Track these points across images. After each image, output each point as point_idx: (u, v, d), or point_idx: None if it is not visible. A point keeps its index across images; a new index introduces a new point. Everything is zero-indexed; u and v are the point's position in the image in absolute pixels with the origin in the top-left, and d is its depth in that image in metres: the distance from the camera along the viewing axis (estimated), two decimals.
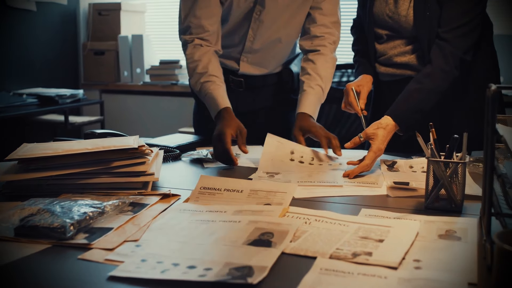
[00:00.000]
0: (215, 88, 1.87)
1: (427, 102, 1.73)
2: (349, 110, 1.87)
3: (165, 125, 4.23)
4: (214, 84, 1.88)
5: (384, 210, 1.26)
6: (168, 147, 1.89)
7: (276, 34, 2.01)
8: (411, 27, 1.80)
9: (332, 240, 1.06)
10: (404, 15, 1.80)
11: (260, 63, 2.08)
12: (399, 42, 1.86)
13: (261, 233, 1.08)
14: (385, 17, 1.85)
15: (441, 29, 1.73)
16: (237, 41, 2.03)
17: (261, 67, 2.09)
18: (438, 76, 1.72)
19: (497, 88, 0.99)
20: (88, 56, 4.61)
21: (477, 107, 1.79)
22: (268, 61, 2.09)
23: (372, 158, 1.61)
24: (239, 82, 2.09)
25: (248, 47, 2.03)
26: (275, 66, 2.12)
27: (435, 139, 1.32)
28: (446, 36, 1.72)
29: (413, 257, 0.99)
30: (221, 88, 1.89)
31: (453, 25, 1.72)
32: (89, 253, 1.02)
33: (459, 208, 1.26)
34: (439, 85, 1.72)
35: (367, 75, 1.93)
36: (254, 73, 2.09)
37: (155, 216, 1.22)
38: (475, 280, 0.90)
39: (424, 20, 1.76)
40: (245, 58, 2.05)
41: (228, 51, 2.05)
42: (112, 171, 1.41)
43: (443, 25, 1.73)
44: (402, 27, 1.81)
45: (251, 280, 0.88)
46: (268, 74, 2.12)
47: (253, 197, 1.35)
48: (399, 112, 1.70)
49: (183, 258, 0.98)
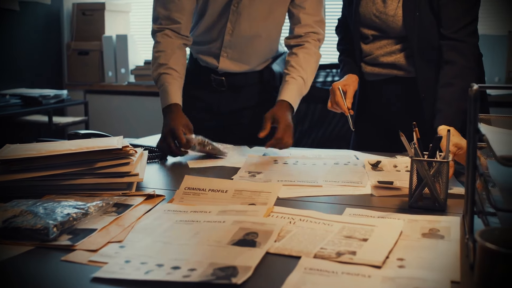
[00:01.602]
0: (171, 81, 1.91)
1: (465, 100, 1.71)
2: (336, 109, 1.88)
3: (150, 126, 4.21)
4: (171, 78, 1.91)
5: (368, 210, 1.27)
6: (152, 148, 1.88)
7: (255, 28, 2.02)
8: (399, 27, 1.81)
9: (316, 240, 1.06)
10: (392, 15, 1.80)
11: (240, 59, 2.08)
12: (386, 42, 1.87)
13: (245, 233, 1.08)
14: (372, 17, 1.85)
15: (449, 30, 1.75)
16: (216, 35, 2.03)
17: (241, 63, 2.09)
18: (467, 74, 1.72)
19: (479, 87, 0.99)
20: (72, 56, 4.58)
21: None
22: (248, 57, 2.09)
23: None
24: (220, 81, 2.09)
25: (227, 40, 2.03)
26: (256, 63, 2.12)
27: (418, 138, 1.33)
28: (457, 36, 1.74)
29: (397, 256, 0.99)
30: (177, 82, 1.92)
31: (460, 24, 1.74)
32: (72, 255, 1.02)
33: (442, 207, 1.27)
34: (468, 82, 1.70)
35: (352, 74, 1.93)
36: (234, 69, 2.09)
37: (139, 217, 1.22)
38: (458, 278, 0.90)
39: (414, 20, 1.77)
40: (225, 53, 2.05)
41: (208, 47, 2.06)
42: (96, 172, 1.40)
43: (451, 26, 1.75)
44: (390, 27, 1.82)
45: (236, 280, 0.88)
46: (249, 72, 2.12)
47: (237, 197, 1.35)
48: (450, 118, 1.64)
49: (167, 259, 0.98)
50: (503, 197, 0.97)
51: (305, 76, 1.97)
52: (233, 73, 2.09)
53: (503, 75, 3.69)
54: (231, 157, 1.83)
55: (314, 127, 2.60)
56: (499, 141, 0.94)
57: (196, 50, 2.13)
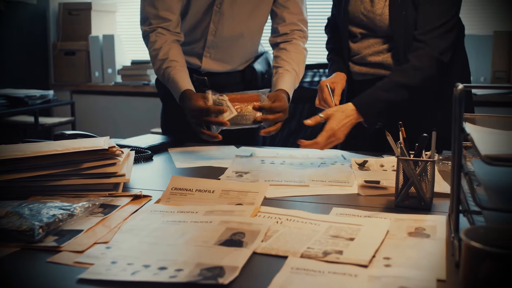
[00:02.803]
0: (176, 72, 1.89)
1: (393, 94, 1.74)
2: (323, 106, 1.88)
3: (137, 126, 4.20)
4: (175, 69, 1.90)
5: (355, 209, 1.27)
6: (139, 148, 1.88)
7: (238, 28, 2.02)
8: (386, 26, 1.82)
9: (303, 239, 1.06)
10: (379, 14, 1.81)
11: (223, 59, 2.08)
12: (374, 41, 1.88)
13: (232, 233, 1.08)
14: (360, 16, 1.86)
15: (417, 31, 1.75)
16: (199, 35, 2.03)
17: (224, 63, 2.09)
18: (408, 71, 1.74)
19: (464, 87, 1.00)
20: (58, 56, 4.56)
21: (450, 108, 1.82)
22: (231, 57, 2.09)
23: (323, 136, 1.66)
24: (203, 81, 2.10)
25: (210, 41, 2.03)
26: (238, 62, 2.13)
27: (404, 138, 1.33)
28: (422, 38, 1.74)
29: (383, 255, 1.00)
30: (182, 71, 1.91)
31: (429, 27, 1.73)
32: (58, 256, 1.01)
33: (428, 206, 1.27)
34: (408, 80, 1.74)
35: (341, 72, 1.94)
36: (217, 69, 2.09)
37: (126, 217, 1.21)
38: (444, 277, 0.91)
39: (400, 19, 1.78)
40: (208, 53, 2.06)
41: (191, 47, 2.06)
42: (82, 172, 1.39)
43: (419, 27, 1.75)
44: (377, 26, 1.83)
45: (222, 281, 0.88)
46: (231, 72, 2.12)
47: (224, 197, 1.35)
48: (361, 99, 1.74)
49: (154, 260, 0.97)
50: (488, 196, 0.97)
51: (297, 69, 1.97)
52: (216, 73, 2.10)
53: (489, 75, 3.72)
54: (218, 157, 1.83)
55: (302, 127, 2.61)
56: (484, 141, 0.95)
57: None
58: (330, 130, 1.67)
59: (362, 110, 1.71)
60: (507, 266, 0.74)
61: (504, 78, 3.70)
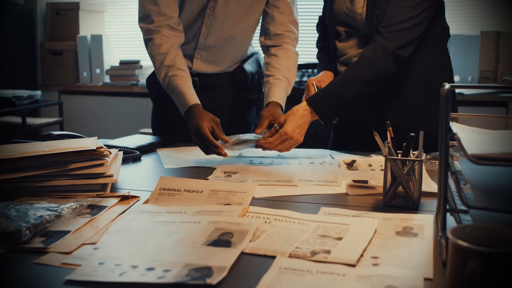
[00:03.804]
0: (183, 82, 1.86)
1: (345, 89, 1.75)
2: None
3: (125, 126, 4.19)
4: (182, 79, 1.87)
5: (343, 208, 1.27)
6: (128, 148, 1.87)
7: (230, 30, 2.01)
8: (365, 25, 1.82)
9: (291, 239, 1.06)
10: (360, 13, 1.81)
11: (214, 61, 2.08)
12: (357, 41, 1.88)
13: (220, 233, 1.08)
14: (343, 14, 1.86)
15: (381, 24, 1.75)
16: (191, 37, 2.02)
17: (215, 65, 2.09)
18: (361, 64, 1.75)
19: (451, 87, 1.01)
20: (46, 56, 4.53)
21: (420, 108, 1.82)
22: (221, 59, 2.09)
23: (276, 138, 1.68)
24: (193, 81, 2.08)
25: (201, 43, 2.02)
26: (229, 64, 2.12)
27: (392, 137, 1.34)
28: (382, 30, 1.74)
29: (371, 254, 1.00)
30: (189, 82, 1.88)
31: (392, 20, 1.73)
32: (45, 257, 1.01)
33: (416, 205, 1.28)
34: (361, 73, 1.74)
35: (328, 71, 1.95)
36: (207, 71, 2.08)
37: (113, 218, 1.21)
38: (431, 275, 0.92)
39: (373, 17, 1.78)
40: (199, 55, 2.05)
41: (182, 48, 2.04)
42: (70, 173, 1.39)
43: (384, 20, 1.75)
44: (358, 25, 1.83)
45: (210, 281, 0.88)
46: (222, 73, 2.12)
47: (213, 198, 1.35)
48: (315, 97, 1.75)
49: (141, 260, 0.97)
50: (475, 195, 0.98)
51: (289, 76, 1.96)
52: (206, 74, 2.09)
53: (476, 74, 3.74)
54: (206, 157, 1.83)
55: None
56: (471, 140, 0.95)
57: None
58: (284, 134, 1.68)
59: (316, 108, 1.72)
60: (493, 265, 0.74)
61: (491, 78, 3.72)
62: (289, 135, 1.68)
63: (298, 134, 1.70)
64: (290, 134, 1.68)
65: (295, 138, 1.69)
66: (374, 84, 1.76)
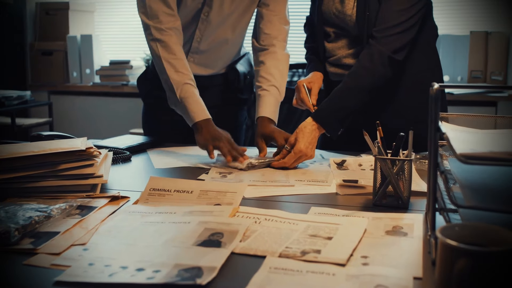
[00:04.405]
0: (197, 94, 1.86)
1: (348, 100, 1.75)
2: (301, 106, 1.89)
3: (116, 127, 4.17)
4: (196, 90, 1.87)
5: (333, 208, 1.28)
6: (118, 149, 1.87)
7: (223, 35, 2.02)
8: (355, 27, 1.82)
9: (281, 239, 1.06)
10: (349, 14, 1.81)
11: (207, 64, 2.08)
12: (347, 42, 1.88)
13: (211, 234, 1.08)
14: (332, 16, 1.86)
15: (374, 29, 1.75)
16: (184, 41, 2.02)
17: (208, 68, 2.10)
18: (360, 73, 1.74)
19: (440, 87, 1.01)
20: (35, 56, 4.50)
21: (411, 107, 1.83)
22: (214, 62, 2.10)
23: (291, 157, 1.68)
24: None
25: (194, 47, 2.02)
26: (221, 66, 2.13)
27: (382, 137, 1.34)
28: (377, 35, 1.74)
29: (361, 253, 1.01)
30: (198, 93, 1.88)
31: (386, 25, 1.73)
32: (34, 258, 1.00)
33: (405, 205, 1.29)
34: (361, 82, 1.74)
35: (318, 72, 1.95)
36: (200, 73, 2.08)
37: (103, 219, 1.21)
38: (420, 274, 0.92)
39: (364, 19, 1.78)
40: (192, 58, 2.05)
41: None
42: (59, 174, 1.38)
43: (377, 24, 1.76)
44: (349, 26, 1.83)
45: (200, 281, 0.88)
46: (215, 75, 2.13)
47: (203, 198, 1.35)
48: (318, 112, 1.75)
49: (131, 261, 0.97)
50: (464, 194, 0.98)
51: (278, 84, 1.95)
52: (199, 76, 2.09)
53: (466, 74, 3.76)
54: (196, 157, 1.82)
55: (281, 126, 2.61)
56: (460, 139, 0.96)
57: None
58: (299, 152, 1.68)
59: (322, 122, 1.72)
60: (481, 264, 0.75)
61: (480, 78, 3.74)
62: (303, 152, 1.68)
63: (311, 150, 1.70)
64: (304, 151, 1.68)
65: (309, 154, 1.69)
66: (375, 90, 1.76)
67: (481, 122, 1.27)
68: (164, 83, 1.90)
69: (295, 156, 1.68)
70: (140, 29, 2.10)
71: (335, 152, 1.88)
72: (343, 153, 1.85)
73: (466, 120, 1.26)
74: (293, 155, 1.68)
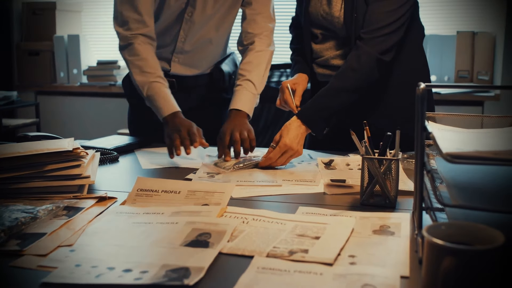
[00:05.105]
0: (166, 90, 1.88)
1: (333, 99, 1.74)
2: (284, 107, 1.89)
3: (103, 127, 4.16)
4: (164, 87, 1.89)
5: (321, 208, 1.28)
6: (105, 149, 1.86)
7: (207, 35, 2.03)
8: (343, 28, 1.82)
9: (269, 239, 1.06)
10: (337, 16, 1.81)
11: (191, 64, 2.09)
12: (334, 43, 1.88)
13: (198, 234, 1.08)
14: (320, 17, 1.86)
15: (362, 30, 1.75)
16: (168, 41, 2.03)
17: (192, 68, 2.11)
18: (346, 74, 1.74)
19: (426, 86, 1.02)
20: (22, 56, 4.47)
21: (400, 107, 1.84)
22: (199, 62, 2.11)
23: (276, 152, 1.67)
24: (171, 82, 2.09)
25: (179, 47, 2.03)
26: (206, 66, 2.14)
27: (369, 136, 1.35)
28: (365, 37, 1.74)
29: (348, 253, 1.01)
30: (169, 91, 1.90)
31: (374, 26, 1.73)
32: (21, 260, 1.00)
33: (393, 204, 1.29)
34: (348, 83, 1.74)
35: (303, 73, 1.95)
36: (185, 73, 2.10)
37: (90, 219, 1.20)
38: (407, 273, 0.92)
39: (352, 21, 1.78)
40: (176, 58, 2.06)
41: (159, 51, 2.05)
42: (46, 174, 1.37)
43: (365, 26, 1.76)
44: (336, 28, 1.83)
45: (188, 282, 0.88)
46: (200, 75, 2.14)
47: (190, 198, 1.35)
48: (303, 110, 1.74)
49: (118, 262, 0.96)
50: (450, 193, 0.99)
51: (253, 78, 1.96)
52: (184, 76, 2.10)
53: (452, 74, 3.78)
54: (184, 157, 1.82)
55: (269, 126, 2.62)
56: (446, 139, 0.96)
57: None
58: (284, 146, 1.67)
59: (307, 121, 1.71)
60: (467, 262, 0.75)
61: (467, 77, 3.77)
62: (288, 146, 1.67)
63: (297, 144, 1.68)
64: (289, 145, 1.67)
65: (295, 148, 1.67)
66: (361, 91, 1.76)
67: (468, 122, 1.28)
68: (135, 86, 1.93)
69: (280, 150, 1.67)
70: None
71: (322, 152, 1.89)
72: (331, 153, 1.85)
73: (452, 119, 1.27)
74: (278, 150, 1.67)
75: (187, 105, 2.14)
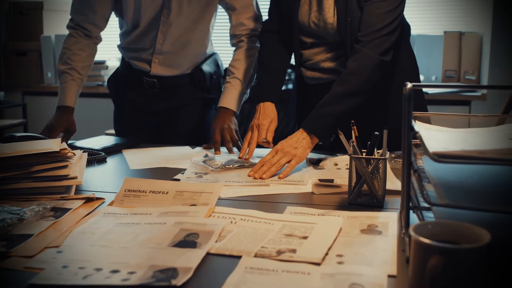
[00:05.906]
0: (71, 83, 2.05)
1: (337, 105, 1.70)
2: None
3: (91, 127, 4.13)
4: (72, 79, 2.05)
5: (309, 207, 1.28)
6: (92, 150, 1.85)
7: (185, 35, 2.07)
8: (336, 34, 1.81)
9: (257, 239, 1.06)
10: (330, 22, 1.79)
11: (171, 64, 2.12)
12: (324, 48, 1.87)
13: (186, 234, 1.08)
14: (311, 24, 1.83)
15: (360, 33, 1.74)
16: (148, 44, 2.08)
17: (172, 68, 2.14)
18: (348, 79, 1.71)
19: (413, 86, 1.02)
20: (9, 56, 4.44)
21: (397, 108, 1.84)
22: (179, 62, 2.14)
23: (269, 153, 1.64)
24: (152, 83, 2.12)
25: (158, 49, 2.08)
26: (186, 67, 2.17)
27: (356, 136, 1.35)
28: (364, 39, 1.72)
29: (336, 252, 1.01)
30: (76, 85, 2.06)
31: (372, 28, 1.71)
32: (7, 261, 0.99)
33: (380, 203, 1.30)
34: (348, 87, 1.71)
35: (271, 104, 1.89)
36: (165, 74, 2.13)
37: (78, 220, 1.20)
38: (395, 272, 0.93)
39: (346, 26, 1.77)
40: (156, 59, 2.10)
41: (139, 54, 2.09)
42: (33, 175, 1.36)
43: (362, 29, 1.75)
44: (329, 34, 1.81)
45: (175, 282, 0.88)
46: (181, 75, 2.17)
47: (178, 199, 1.34)
48: (308, 120, 1.70)
49: (106, 263, 0.96)
50: (437, 192, 1.00)
51: (240, 75, 2.05)
52: (166, 76, 2.12)
53: (440, 74, 3.81)
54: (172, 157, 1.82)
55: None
56: (432, 138, 0.97)
57: (128, 56, 2.17)
58: (275, 148, 1.64)
59: (313, 130, 1.68)
60: (453, 260, 0.76)
61: (454, 77, 3.79)
62: (279, 148, 1.63)
63: (291, 147, 1.64)
64: (281, 147, 1.63)
65: (286, 149, 1.63)
66: (365, 94, 1.72)
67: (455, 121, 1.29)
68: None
69: (272, 152, 1.63)
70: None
71: (311, 152, 1.89)
72: (319, 152, 1.86)
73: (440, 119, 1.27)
74: (272, 151, 1.64)
75: (169, 105, 2.16)
